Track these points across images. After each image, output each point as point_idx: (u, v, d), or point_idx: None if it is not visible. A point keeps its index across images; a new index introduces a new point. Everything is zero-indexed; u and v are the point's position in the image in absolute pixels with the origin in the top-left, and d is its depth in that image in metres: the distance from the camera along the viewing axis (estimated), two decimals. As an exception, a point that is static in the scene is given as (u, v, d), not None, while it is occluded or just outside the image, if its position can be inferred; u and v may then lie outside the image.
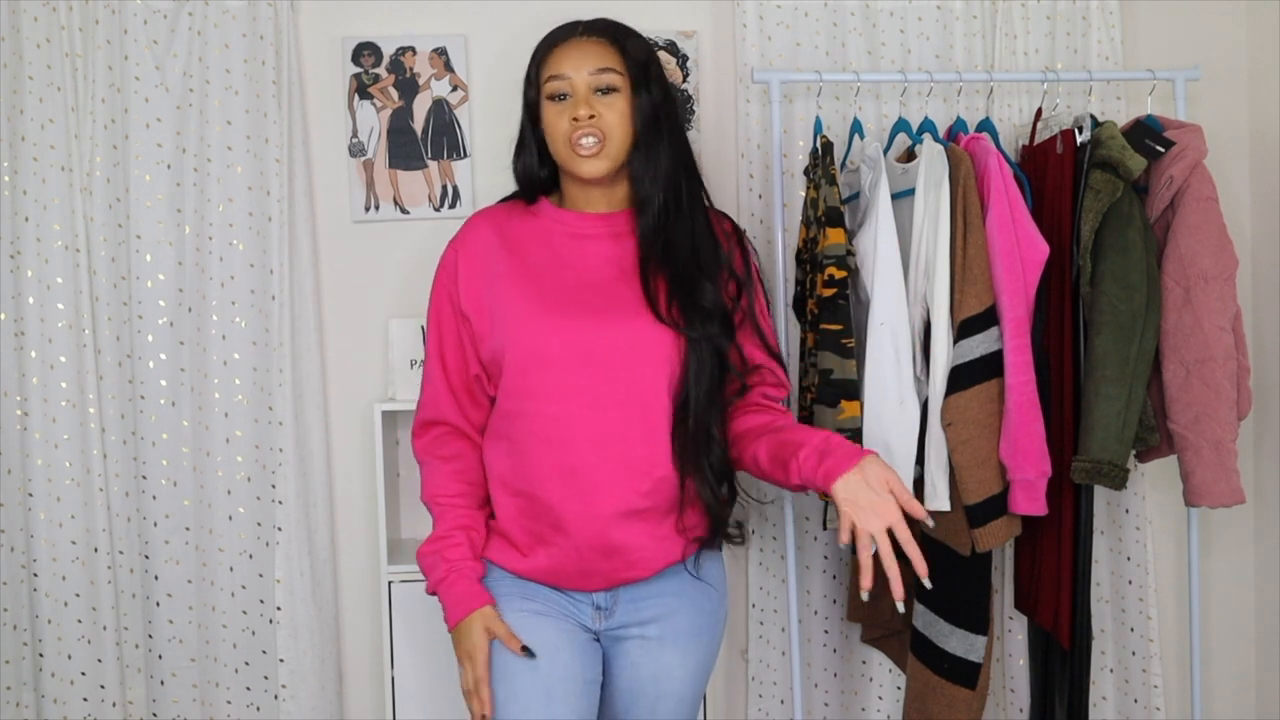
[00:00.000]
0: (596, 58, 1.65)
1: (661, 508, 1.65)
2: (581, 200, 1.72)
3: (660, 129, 1.67)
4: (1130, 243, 2.11)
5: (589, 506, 1.62)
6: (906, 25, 2.55)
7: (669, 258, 1.66)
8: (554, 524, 1.64)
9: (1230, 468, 2.15)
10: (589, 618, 1.70)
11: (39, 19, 2.36)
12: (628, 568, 1.66)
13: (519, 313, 1.65)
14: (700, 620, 1.73)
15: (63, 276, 2.37)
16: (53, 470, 2.37)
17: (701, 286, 1.65)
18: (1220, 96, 2.66)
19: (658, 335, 1.63)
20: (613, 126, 1.64)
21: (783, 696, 2.54)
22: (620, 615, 1.70)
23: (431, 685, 2.31)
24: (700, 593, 1.73)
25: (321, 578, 2.45)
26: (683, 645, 1.71)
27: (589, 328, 1.63)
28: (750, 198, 2.52)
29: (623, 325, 1.63)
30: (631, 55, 1.67)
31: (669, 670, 1.71)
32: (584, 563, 1.65)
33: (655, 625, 1.70)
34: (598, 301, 1.65)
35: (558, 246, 1.70)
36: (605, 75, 1.65)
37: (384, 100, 2.50)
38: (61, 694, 2.38)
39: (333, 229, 2.52)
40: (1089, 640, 2.26)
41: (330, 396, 2.51)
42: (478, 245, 1.72)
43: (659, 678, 1.71)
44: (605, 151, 1.64)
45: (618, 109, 1.65)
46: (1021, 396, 2.08)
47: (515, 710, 1.62)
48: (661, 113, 1.67)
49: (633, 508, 1.63)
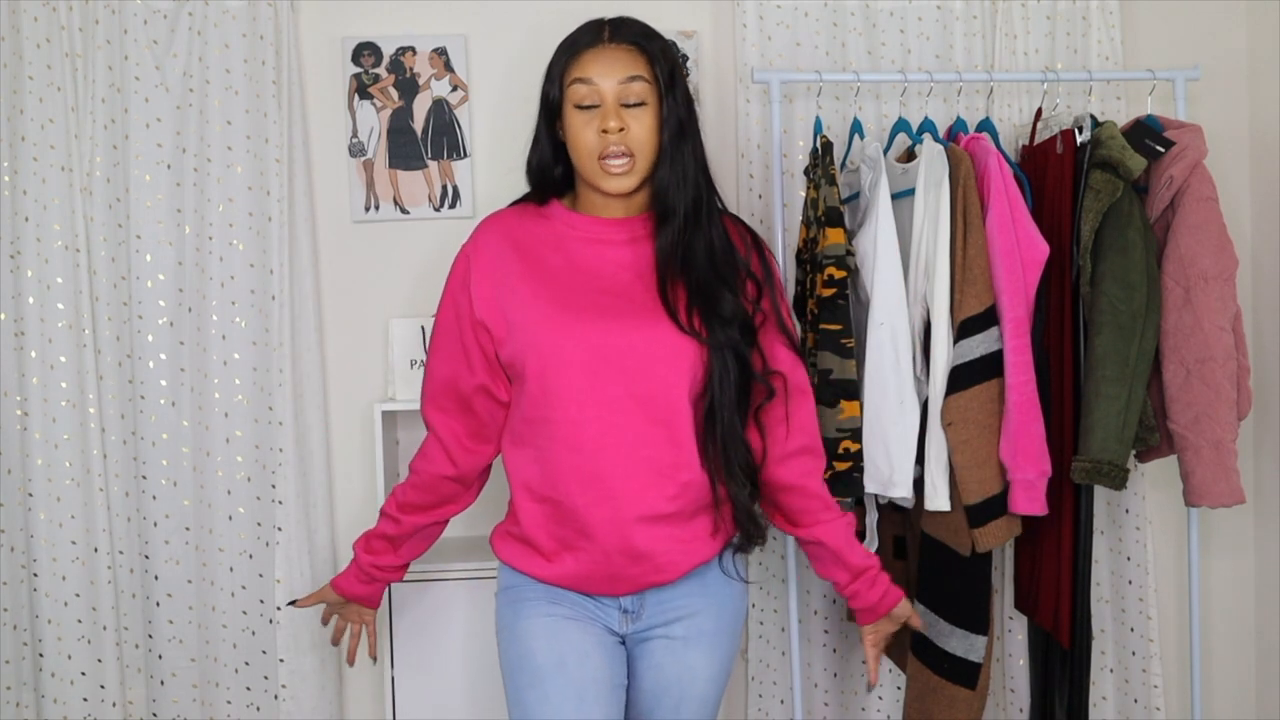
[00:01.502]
0: (626, 65, 1.62)
1: (688, 511, 1.65)
2: (599, 205, 1.70)
3: (685, 138, 1.65)
4: (1130, 243, 2.11)
5: (616, 511, 1.61)
6: (906, 25, 2.55)
7: (687, 267, 1.65)
8: (580, 529, 1.63)
9: (1230, 468, 2.15)
10: (616, 621, 1.70)
11: (39, 19, 2.36)
12: (655, 571, 1.65)
13: (538, 318, 1.63)
14: (724, 619, 1.73)
15: (63, 276, 2.37)
16: (53, 470, 2.37)
17: (721, 294, 1.64)
18: (1220, 96, 2.66)
19: (679, 342, 1.62)
20: (642, 143, 1.62)
21: (783, 696, 2.54)
22: (647, 618, 1.70)
23: (432, 685, 2.31)
24: (726, 589, 1.73)
25: (321, 578, 2.45)
26: (707, 644, 1.71)
27: (609, 332, 1.62)
28: (750, 198, 2.52)
29: (643, 330, 1.62)
30: (660, 62, 1.64)
31: (693, 671, 1.70)
32: (612, 568, 1.64)
33: (680, 625, 1.70)
34: (617, 306, 1.64)
35: (572, 251, 1.68)
36: (635, 85, 1.62)
37: (384, 100, 2.50)
38: (61, 694, 2.38)
39: (333, 229, 2.52)
40: (1089, 640, 2.26)
41: (330, 396, 2.51)
42: (489, 252, 1.70)
43: (683, 679, 1.70)
44: (634, 169, 1.63)
45: (646, 124, 1.62)
46: (1021, 396, 2.08)
47: (548, 711, 1.62)
48: (686, 121, 1.66)
49: (659, 512, 1.62)
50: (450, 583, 2.29)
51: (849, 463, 2.10)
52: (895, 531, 2.38)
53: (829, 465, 2.10)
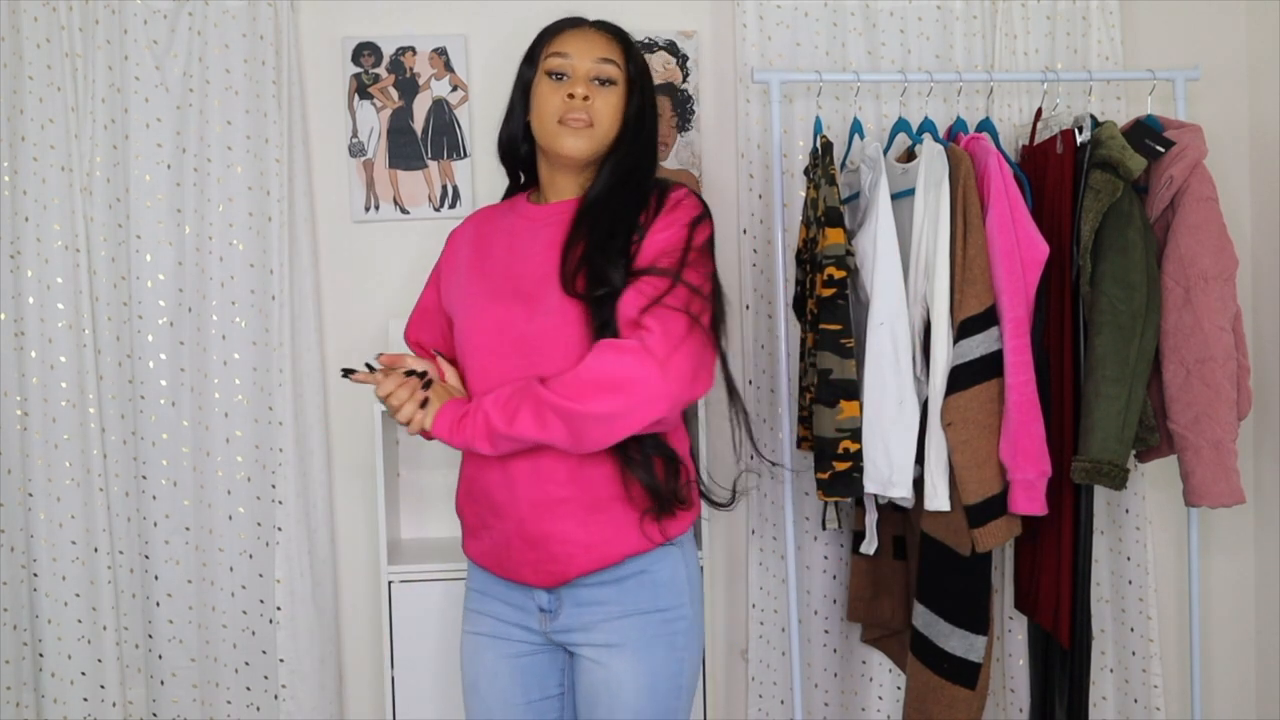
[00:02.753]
0: (602, 47, 1.68)
1: (587, 498, 1.60)
2: (551, 191, 1.72)
3: (641, 133, 1.70)
4: (1130, 243, 2.11)
5: (513, 493, 1.62)
6: (906, 25, 2.55)
7: (592, 234, 1.61)
8: (490, 507, 1.66)
9: (1230, 468, 2.15)
10: (536, 621, 1.69)
11: (39, 19, 2.36)
12: (552, 560, 1.61)
13: (466, 306, 1.70)
14: (651, 627, 1.63)
15: (63, 276, 2.38)
16: (53, 470, 2.37)
17: (611, 258, 1.58)
18: (1220, 96, 2.66)
19: (567, 310, 1.58)
20: (603, 116, 1.65)
21: (783, 696, 2.54)
22: (565, 618, 1.66)
23: (431, 685, 2.31)
24: (650, 594, 1.63)
25: (321, 578, 2.45)
26: (631, 654, 1.62)
27: (514, 314, 1.62)
28: (750, 198, 2.52)
29: (540, 306, 1.61)
30: (633, 59, 1.71)
31: (619, 681, 1.63)
32: (513, 550, 1.64)
33: (601, 631, 1.64)
34: (528, 288, 1.64)
35: (516, 240, 1.71)
36: (607, 66, 1.67)
37: (384, 100, 2.50)
38: (61, 694, 2.38)
39: (333, 229, 2.53)
40: (1089, 640, 2.26)
41: (330, 396, 2.51)
42: (455, 244, 1.81)
43: (610, 688, 1.63)
44: (592, 133, 1.64)
45: (611, 101, 1.66)
46: (1021, 396, 2.08)
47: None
48: (646, 121, 1.70)
49: (552, 496, 1.60)
50: (450, 583, 2.29)
51: (849, 463, 2.10)
52: (895, 531, 2.38)
53: (829, 465, 2.10)
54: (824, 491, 2.12)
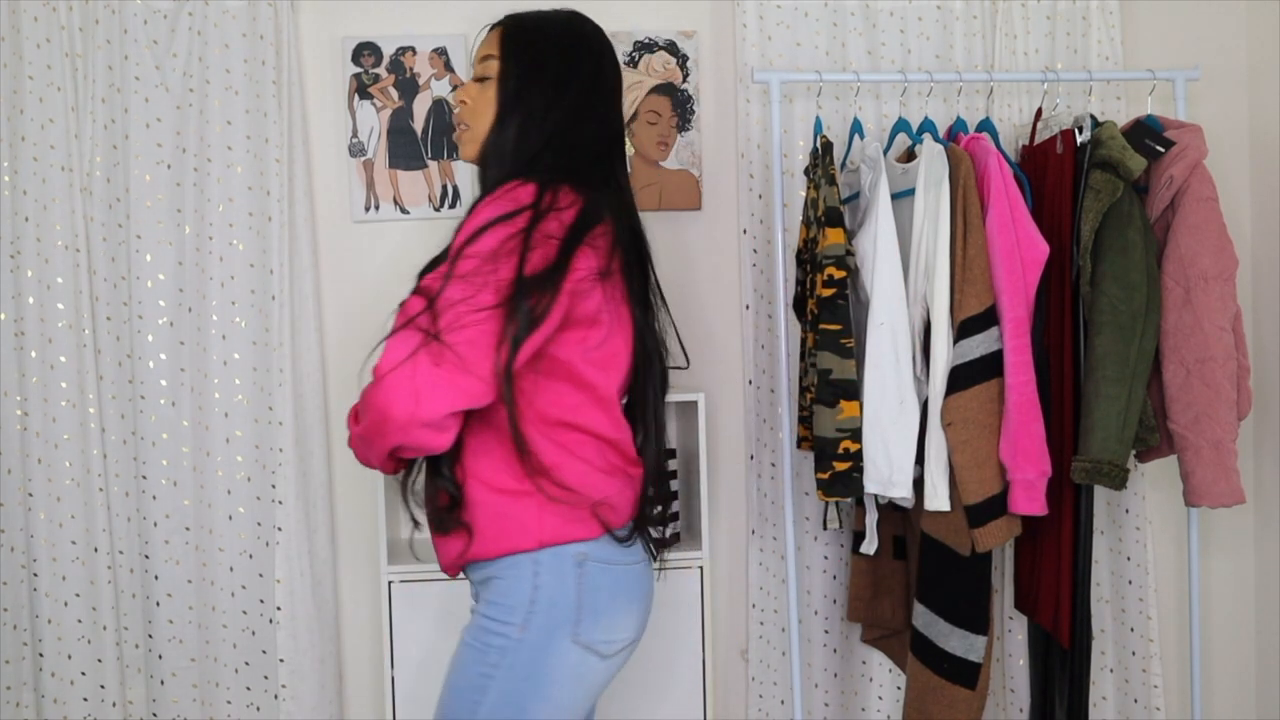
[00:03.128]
0: (485, 46, 1.63)
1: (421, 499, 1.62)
2: None
3: (513, 112, 1.57)
4: (1130, 243, 2.11)
5: None
6: (906, 25, 2.55)
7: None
8: None
9: (1230, 468, 2.15)
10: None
11: (39, 19, 2.36)
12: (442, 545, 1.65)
13: None
14: (473, 631, 1.61)
15: (63, 276, 2.37)
16: (53, 470, 2.37)
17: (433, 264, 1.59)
18: (1220, 96, 2.66)
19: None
20: (475, 115, 1.61)
21: (783, 696, 2.54)
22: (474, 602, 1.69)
23: (432, 685, 2.30)
24: (485, 601, 1.61)
25: (321, 578, 2.45)
26: (457, 649, 1.64)
27: None
28: (750, 198, 2.52)
29: None
30: (512, 39, 1.60)
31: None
32: None
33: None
34: None
35: None
36: (485, 64, 1.62)
37: (384, 100, 2.50)
38: (61, 694, 2.38)
39: (333, 229, 2.53)
40: (1089, 640, 2.26)
41: (330, 396, 2.51)
42: None
43: None
44: (470, 135, 1.62)
45: (484, 97, 1.61)
46: (1021, 396, 2.08)
47: None
48: (518, 92, 1.57)
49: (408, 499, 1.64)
50: (450, 582, 2.29)
51: (849, 463, 2.10)
52: (895, 531, 2.38)
53: (829, 465, 2.10)
54: (824, 492, 2.12)
